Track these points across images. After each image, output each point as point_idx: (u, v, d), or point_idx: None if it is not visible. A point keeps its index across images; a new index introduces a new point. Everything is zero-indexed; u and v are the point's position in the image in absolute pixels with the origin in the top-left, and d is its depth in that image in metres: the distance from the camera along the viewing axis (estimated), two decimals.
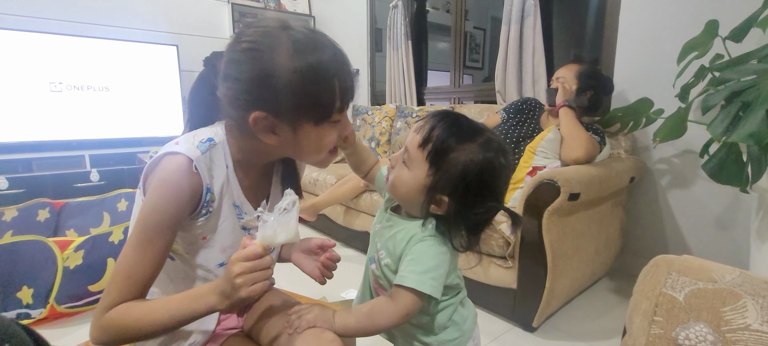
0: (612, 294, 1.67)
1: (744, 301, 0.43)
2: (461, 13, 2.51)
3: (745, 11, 1.19)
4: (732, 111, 1.01)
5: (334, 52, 0.58)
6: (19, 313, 1.36)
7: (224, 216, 0.64)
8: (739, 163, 1.06)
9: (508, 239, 1.31)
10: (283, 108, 0.56)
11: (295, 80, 0.54)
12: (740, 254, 1.51)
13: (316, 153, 0.62)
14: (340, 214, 2.18)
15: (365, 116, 2.69)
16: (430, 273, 0.60)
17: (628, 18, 1.73)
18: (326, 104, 0.57)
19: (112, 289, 0.55)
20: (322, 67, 0.56)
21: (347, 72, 0.59)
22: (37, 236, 1.41)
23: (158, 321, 0.54)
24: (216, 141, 0.62)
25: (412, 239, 0.63)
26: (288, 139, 0.59)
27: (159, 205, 0.55)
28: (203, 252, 0.64)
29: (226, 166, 0.63)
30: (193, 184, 0.57)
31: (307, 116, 0.57)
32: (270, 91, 0.55)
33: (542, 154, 1.49)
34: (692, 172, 1.62)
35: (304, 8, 3.55)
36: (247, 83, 0.55)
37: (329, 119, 0.59)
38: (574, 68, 1.63)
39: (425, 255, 0.61)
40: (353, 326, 0.64)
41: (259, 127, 0.57)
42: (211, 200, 0.61)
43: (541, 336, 1.36)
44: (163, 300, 0.56)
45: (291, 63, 0.54)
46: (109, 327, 0.54)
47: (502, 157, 0.61)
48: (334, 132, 0.61)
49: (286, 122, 0.57)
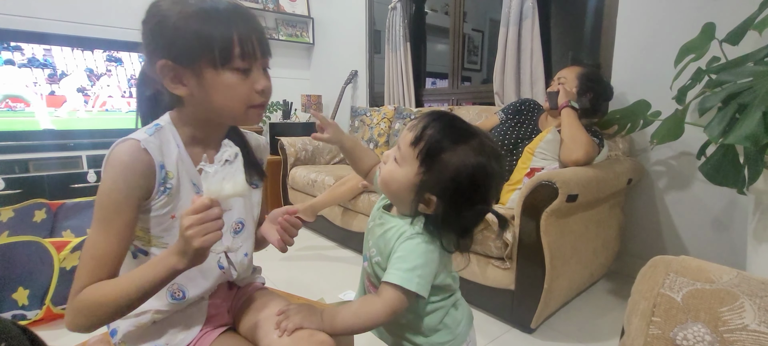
0: (610, 295, 1.67)
1: (741, 301, 0.43)
2: (460, 15, 2.52)
3: (742, 14, 1.20)
4: (728, 113, 1.01)
5: (236, 7, 0.60)
6: (15, 314, 1.35)
7: (186, 193, 0.65)
8: (735, 164, 1.07)
9: (506, 240, 1.31)
10: (178, 51, 0.58)
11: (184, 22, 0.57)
12: (737, 255, 1.52)
13: (228, 104, 0.62)
14: (338, 215, 2.18)
15: (364, 118, 2.69)
16: (416, 271, 0.60)
17: (625, 20, 1.74)
18: (222, 46, 0.58)
19: (81, 273, 0.57)
20: (212, 9, 0.58)
21: (247, 20, 0.61)
22: (34, 237, 1.40)
23: (125, 293, 0.55)
24: (162, 124, 0.65)
25: (401, 237, 0.63)
26: (196, 89, 0.61)
27: (112, 185, 0.58)
28: (174, 232, 0.64)
29: (176, 146, 0.65)
30: (144, 161, 0.60)
31: (204, 60, 0.58)
32: (163, 36, 0.58)
33: (541, 156, 1.50)
34: (689, 173, 1.63)
35: (303, 10, 3.55)
36: (148, 34, 0.60)
37: (230, 65, 0.59)
38: (576, 70, 1.63)
39: (412, 253, 0.61)
40: (341, 325, 0.64)
41: (167, 77, 0.60)
42: (169, 176, 0.63)
43: (539, 337, 1.36)
44: (128, 274, 0.58)
45: (181, 7, 0.58)
46: (80, 308, 0.56)
47: (495, 162, 0.61)
48: (242, 82, 0.61)
49: (187, 68, 0.59)
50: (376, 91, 3.21)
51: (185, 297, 0.68)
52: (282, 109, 3.39)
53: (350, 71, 3.21)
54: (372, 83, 3.21)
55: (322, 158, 2.80)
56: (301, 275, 1.92)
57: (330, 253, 2.20)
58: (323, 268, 2.00)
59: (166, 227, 0.64)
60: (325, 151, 2.82)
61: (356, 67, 3.22)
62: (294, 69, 3.69)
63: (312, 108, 1.89)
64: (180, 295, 0.67)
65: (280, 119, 3.42)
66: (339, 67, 3.36)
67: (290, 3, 3.49)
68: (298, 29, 3.58)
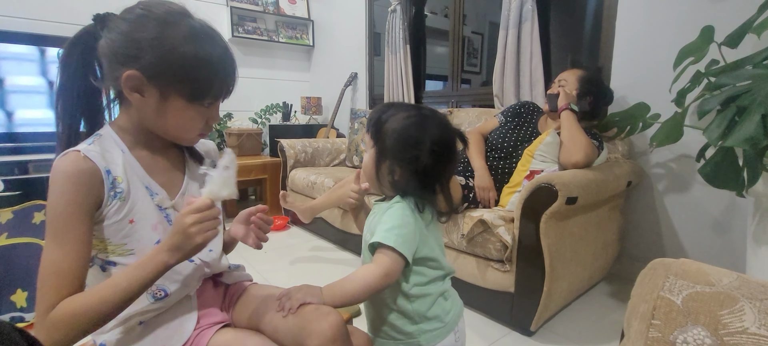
0: (610, 298, 1.67)
1: (741, 304, 0.43)
2: (459, 18, 2.52)
3: (740, 17, 1.20)
4: (728, 116, 1.01)
5: (226, 49, 0.64)
6: (13, 316, 1.35)
7: (139, 196, 0.65)
8: (735, 167, 1.07)
9: (506, 242, 1.31)
10: (160, 73, 0.60)
11: (183, 54, 0.59)
12: (737, 258, 1.52)
13: (181, 132, 0.67)
14: (338, 217, 2.18)
15: (363, 120, 2.69)
16: (394, 230, 0.67)
17: (624, 23, 1.74)
18: (203, 87, 0.62)
19: (44, 291, 0.56)
20: (212, 54, 0.62)
21: (231, 71, 0.65)
22: (33, 239, 1.40)
23: (109, 300, 0.56)
24: (101, 133, 0.65)
25: (384, 211, 0.71)
26: (153, 105, 0.62)
27: (59, 198, 0.57)
28: (138, 236, 0.65)
29: (121, 150, 0.65)
30: (88, 169, 0.59)
31: (181, 90, 0.61)
32: (153, 55, 0.59)
33: (540, 158, 1.50)
34: (689, 176, 1.63)
35: (303, 12, 3.56)
36: (132, 41, 0.59)
37: (202, 102, 0.64)
38: (577, 73, 1.64)
39: (390, 216, 0.69)
40: (340, 294, 0.68)
41: (128, 85, 0.60)
42: (118, 181, 0.63)
43: (539, 340, 1.36)
44: (108, 282, 0.58)
45: (183, 39, 0.59)
46: (57, 324, 0.55)
47: (426, 111, 0.71)
48: (202, 116, 0.66)
49: (156, 87, 0.61)
50: (375, 93, 3.22)
51: (167, 295, 0.68)
52: (282, 112, 3.40)
53: (350, 73, 3.22)
54: (372, 85, 3.22)
55: (321, 160, 2.80)
56: (300, 276, 1.91)
57: (329, 255, 2.20)
58: (322, 270, 2.00)
59: (126, 233, 0.64)
60: (324, 153, 2.82)
61: (356, 70, 3.22)
62: (294, 71, 3.69)
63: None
64: (161, 294, 0.67)
65: (280, 121, 3.42)
66: (339, 70, 3.37)
67: (290, 5, 3.50)
68: (298, 31, 3.59)
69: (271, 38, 3.39)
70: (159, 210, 0.67)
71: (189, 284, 0.71)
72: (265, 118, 3.28)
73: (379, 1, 3.05)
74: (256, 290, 0.79)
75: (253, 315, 0.73)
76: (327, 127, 3.28)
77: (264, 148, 3.38)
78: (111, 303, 0.56)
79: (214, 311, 0.75)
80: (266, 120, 3.29)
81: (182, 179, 0.73)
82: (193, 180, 0.74)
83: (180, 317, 0.70)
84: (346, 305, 0.70)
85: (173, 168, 0.72)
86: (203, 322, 0.72)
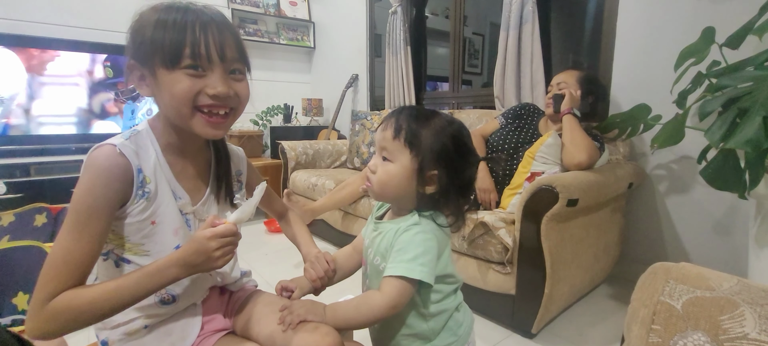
0: (611, 300, 1.66)
1: (742, 309, 0.43)
2: (460, 19, 2.52)
3: (742, 18, 1.20)
4: (729, 117, 1.01)
5: (193, 9, 0.61)
6: (15, 319, 1.35)
7: (165, 199, 0.65)
8: (736, 169, 1.06)
9: (507, 244, 1.31)
10: (137, 51, 0.60)
11: (146, 23, 0.59)
12: (739, 260, 1.51)
13: (174, 103, 0.60)
14: (339, 219, 2.18)
15: (364, 122, 2.70)
16: (418, 259, 0.62)
17: (625, 24, 1.74)
18: (173, 45, 0.58)
19: (50, 277, 0.55)
20: (173, 13, 0.60)
21: (208, 25, 0.60)
22: (34, 242, 1.41)
23: (113, 300, 0.56)
24: (139, 129, 0.66)
25: (397, 232, 0.66)
26: (153, 88, 0.62)
27: (88, 189, 0.57)
28: (157, 239, 0.65)
29: (154, 150, 0.65)
30: (121, 165, 0.60)
31: (158, 59, 0.59)
32: (131, 38, 0.61)
33: (541, 160, 1.49)
34: (690, 178, 1.62)
35: (303, 14, 3.57)
36: (127, 35, 0.62)
37: (180, 64, 0.59)
38: (575, 74, 1.63)
39: (411, 243, 0.64)
40: (343, 319, 0.66)
41: (132, 77, 0.62)
42: (146, 181, 0.63)
43: (540, 343, 1.36)
44: (114, 283, 0.57)
45: (152, 11, 0.60)
46: (57, 315, 0.54)
47: (459, 124, 0.69)
48: (188, 81, 0.60)
49: (146, 68, 0.61)
50: (376, 94, 3.22)
51: (175, 300, 0.68)
52: (283, 113, 3.40)
53: (351, 75, 3.22)
54: (373, 87, 3.22)
55: (322, 162, 2.80)
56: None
57: None
58: None
59: (146, 233, 0.64)
60: (325, 154, 2.82)
61: (357, 71, 3.23)
62: (295, 73, 3.70)
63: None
64: (169, 299, 0.67)
65: (281, 123, 3.42)
66: (340, 71, 3.37)
67: (291, 7, 3.51)
68: (299, 33, 3.59)
69: (272, 40, 3.40)
70: (181, 214, 0.68)
71: (198, 293, 0.72)
72: (266, 120, 3.28)
73: (380, 3, 3.05)
74: (259, 299, 0.78)
75: (253, 324, 0.73)
76: (328, 129, 3.28)
77: (265, 150, 3.38)
78: (113, 303, 0.56)
79: (218, 318, 0.75)
80: (267, 122, 3.29)
81: (205, 188, 0.73)
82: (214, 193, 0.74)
83: (184, 322, 0.70)
84: (347, 329, 0.69)
85: (198, 176, 0.73)
86: (207, 328, 0.72)
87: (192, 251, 0.58)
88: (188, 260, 0.58)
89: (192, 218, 0.70)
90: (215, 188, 0.75)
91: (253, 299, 0.78)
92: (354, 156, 2.72)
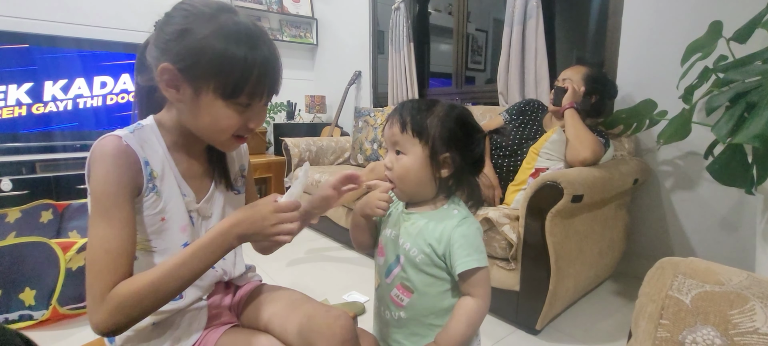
0: (616, 296, 1.65)
1: (752, 304, 0.42)
2: (463, 15, 2.51)
3: (750, 12, 1.18)
4: (736, 112, 1.00)
5: (268, 50, 0.61)
6: (22, 314, 1.37)
7: (173, 195, 0.65)
8: (744, 164, 1.05)
9: (511, 240, 1.30)
10: (189, 68, 0.58)
11: (207, 46, 0.57)
12: (746, 256, 1.50)
13: (214, 132, 0.63)
14: (343, 216, 2.18)
15: (367, 118, 2.69)
16: (481, 247, 0.68)
17: (631, 19, 1.72)
18: (237, 81, 0.58)
19: (97, 271, 0.54)
20: (247, 52, 0.58)
21: (272, 68, 0.61)
22: (40, 238, 1.41)
23: (177, 277, 0.56)
24: (143, 125, 0.65)
25: (445, 230, 0.68)
26: (187, 101, 0.60)
27: (104, 177, 0.57)
28: (166, 236, 0.65)
29: (161, 147, 0.65)
30: (129, 154, 0.59)
31: (213, 85, 0.58)
32: (184, 46, 0.57)
33: (546, 156, 1.49)
34: (697, 173, 1.61)
35: (306, 10, 3.56)
36: (168, 34, 0.59)
37: (237, 99, 0.60)
38: (581, 70, 1.62)
39: (472, 237, 0.68)
40: (460, 340, 0.67)
41: (163, 79, 0.59)
42: (154, 176, 0.62)
43: (544, 339, 1.36)
44: (172, 260, 0.56)
45: (212, 33, 0.57)
46: (119, 305, 0.53)
47: (461, 106, 0.73)
48: (237, 116, 0.61)
49: (189, 82, 0.59)
50: (379, 91, 3.21)
51: (182, 296, 0.68)
52: (286, 110, 3.40)
53: (354, 72, 3.21)
54: (375, 84, 3.21)
55: (326, 159, 2.80)
56: (305, 276, 1.92)
57: (334, 254, 2.20)
58: (327, 269, 2.00)
59: (155, 229, 0.64)
60: (328, 151, 2.82)
61: (360, 68, 3.22)
62: (298, 70, 3.70)
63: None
64: (178, 295, 0.67)
65: (284, 120, 3.43)
66: (342, 68, 3.37)
67: (294, 4, 3.50)
68: (302, 30, 3.59)
69: (275, 37, 3.40)
70: (186, 212, 0.68)
71: (204, 288, 0.72)
72: (269, 117, 3.28)
73: None
74: (266, 291, 0.79)
75: (262, 315, 0.73)
76: (331, 126, 3.28)
77: (268, 146, 3.39)
78: (174, 282, 0.55)
79: (224, 312, 0.76)
80: (270, 119, 3.30)
81: (210, 185, 0.73)
82: (218, 191, 0.74)
83: (190, 317, 0.70)
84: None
85: (204, 175, 0.73)
86: (213, 323, 0.72)
87: (250, 221, 0.58)
88: (243, 231, 0.58)
89: (196, 216, 0.70)
90: (219, 185, 0.75)
91: (260, 291, 0.79)
92: (357, 153, 2.72)
